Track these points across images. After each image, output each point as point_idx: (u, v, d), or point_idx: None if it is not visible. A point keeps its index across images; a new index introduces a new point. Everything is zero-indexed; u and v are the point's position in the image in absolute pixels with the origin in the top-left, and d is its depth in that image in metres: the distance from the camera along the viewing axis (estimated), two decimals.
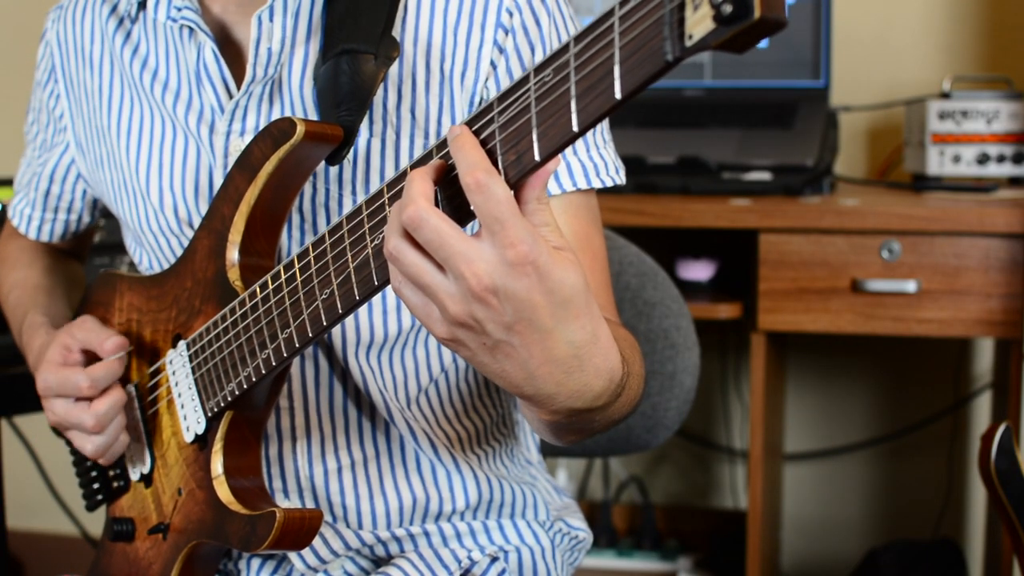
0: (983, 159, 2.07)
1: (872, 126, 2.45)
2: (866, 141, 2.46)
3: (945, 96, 2.11)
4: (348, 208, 1.09)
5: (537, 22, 1.08)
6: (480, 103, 1.09)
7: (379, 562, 1.20)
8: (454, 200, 0.80)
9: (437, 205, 0.79)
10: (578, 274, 0.77)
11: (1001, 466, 1.36)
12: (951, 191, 2.06)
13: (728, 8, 0.63)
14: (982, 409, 2.43)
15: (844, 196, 2.03)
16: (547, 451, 1.66)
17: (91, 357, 1.14)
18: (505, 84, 1.05)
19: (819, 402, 2.54)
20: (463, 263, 0.75)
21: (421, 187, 0.77)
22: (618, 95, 0.70)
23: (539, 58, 0.92)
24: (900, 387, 2.49)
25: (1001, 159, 2.07)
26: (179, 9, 1.12)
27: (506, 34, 1.08)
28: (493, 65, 1.08)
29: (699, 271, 2.07)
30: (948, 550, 2.24)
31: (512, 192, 0.76)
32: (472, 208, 0.75)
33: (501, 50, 1.08)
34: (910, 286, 1.86)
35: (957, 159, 2.08)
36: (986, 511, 2.40)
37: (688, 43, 0.66)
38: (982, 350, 2.42)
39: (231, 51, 1.14)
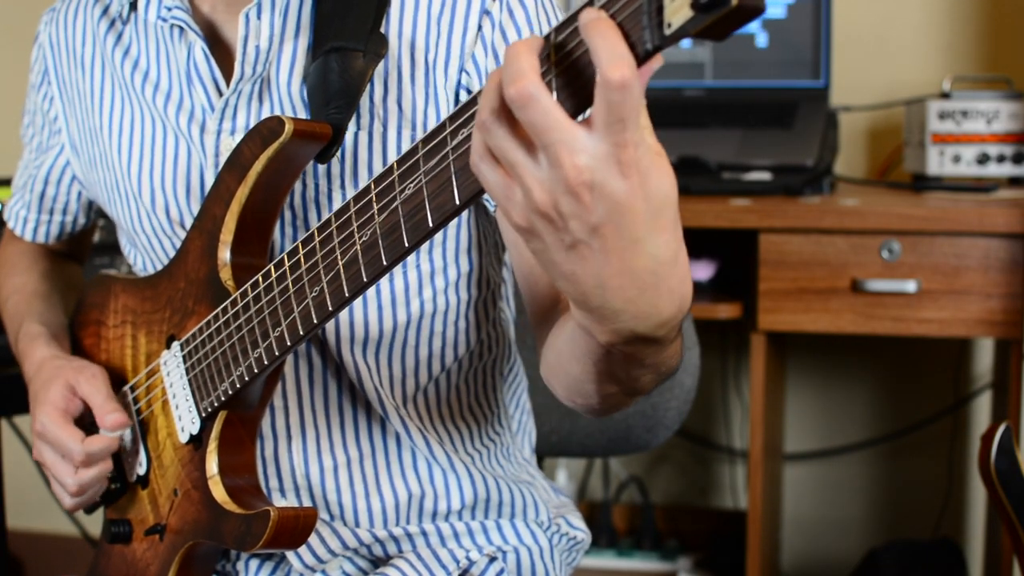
0: (983, 159, 2.07)
1: (872, 126, 2.45)
2: (866, 141, 2.46)
3: (945, 96, 2.10)
4: (338, 203, 1.09)
5: (523, 4, 1.08)
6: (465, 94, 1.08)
7: (377, 562, 1.20)
8: (568, 88, 0.72)
9: None
10: (673, 184, 0.70)
11: (1001, 466, 1.36)
12: (951, 191, 2.05)
13: None
14: (982, 409, 2.43)
15: (844, 196, 2.03)
16: (547, 452, 1.67)
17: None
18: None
19: (819, 402, 2.53)
20: (565, 152, 0.68)
21: (531, 61, 0.68)
22: None
23: None
24: (900, 387, 2.49)
25: (1001, 159, 2.07)
26: (169, 9, 1.12)
27: (491, 23, 1.07)
28: (474, 56, 1.07)
29: (699, 271, 2.07)
30: (948, 550, 2.23)
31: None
32: (601, 103, 0.67)
33: (484, 39, 1.07)
34: (910, 286, 1.85)
35: (957, 159, 2.08)
36: (986, 511, 2.40)
37: (667, 31, 0.65)
38: (982, 350, 2.41)
39: (221, 50, 1.14)
